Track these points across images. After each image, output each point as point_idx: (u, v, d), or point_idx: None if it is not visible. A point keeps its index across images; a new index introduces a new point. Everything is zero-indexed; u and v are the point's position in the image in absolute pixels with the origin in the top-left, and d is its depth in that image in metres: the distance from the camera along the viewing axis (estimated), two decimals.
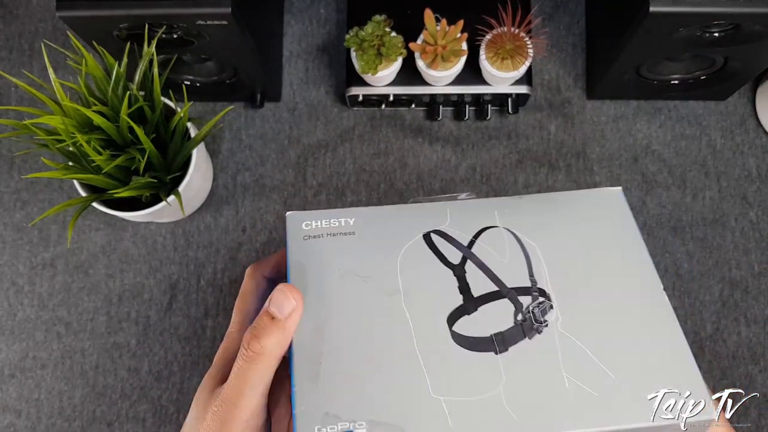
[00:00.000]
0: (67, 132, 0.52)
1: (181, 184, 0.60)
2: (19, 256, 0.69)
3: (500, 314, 0.34)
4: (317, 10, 0.73)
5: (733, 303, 0.67)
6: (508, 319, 0.34)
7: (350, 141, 0.71)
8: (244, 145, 0.71)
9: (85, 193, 0.60)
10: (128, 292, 0.68)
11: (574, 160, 0.70)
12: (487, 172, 0.70)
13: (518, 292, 0.35)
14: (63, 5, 0.52)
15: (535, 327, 0.34)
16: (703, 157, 0.70)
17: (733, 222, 0.68)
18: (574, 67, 0.72)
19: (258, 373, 0.34)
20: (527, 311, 0.35)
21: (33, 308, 0.68)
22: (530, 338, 0.34)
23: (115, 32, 0.55)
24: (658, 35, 0.55)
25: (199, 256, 0.69)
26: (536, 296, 0.35)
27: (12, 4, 0.74)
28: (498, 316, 0.34)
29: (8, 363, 0.67)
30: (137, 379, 0.66)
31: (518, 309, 0.35)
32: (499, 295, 0.35)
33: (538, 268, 0.36)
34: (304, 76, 0.72)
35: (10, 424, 0.66)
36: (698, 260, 0.68)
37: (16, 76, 0.72)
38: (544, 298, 0.35)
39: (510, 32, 0.60)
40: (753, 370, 0.65)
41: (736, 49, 0.58)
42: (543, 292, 0.35)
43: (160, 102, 0.56)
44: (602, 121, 0.71)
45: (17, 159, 0.71)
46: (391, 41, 0.60)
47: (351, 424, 0.31)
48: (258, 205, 0.70)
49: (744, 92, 0.71)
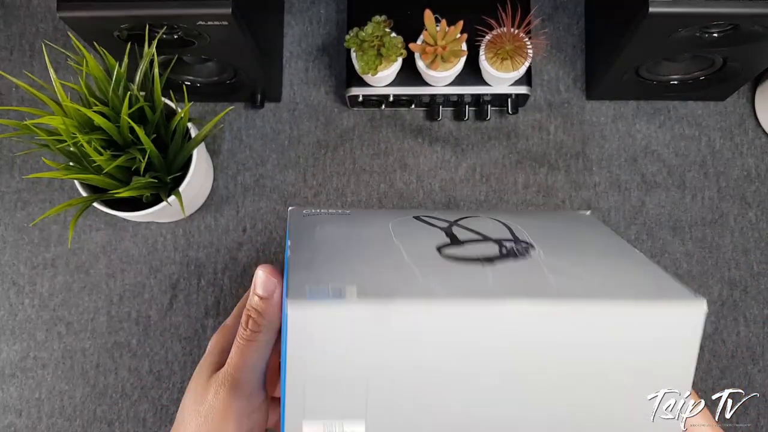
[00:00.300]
0: (67, 132, 0.53)
1: (181, 184, 0.60)
2: (20, 256, 0.69)
3: (486, 249, 0.34)
4: (317, 11, 0.74)
5: (732, 303, 0.67)
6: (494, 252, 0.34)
7: (350, 141, 0.71)
8: (244, 146, 0.71)
9: (86, 194, 0.60)
10: (129, 292, 0.68)
11: (573, 160, 0.70)
12: (486, 172, 0.70)
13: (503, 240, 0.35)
14: (64, 6, 0.52)
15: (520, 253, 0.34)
16: (703, 158, 0.70)
17: (732, 222, 0.68)
18: (573, 67, 0.72)
19: (258, 351, 0.36)
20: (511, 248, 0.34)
21: (34, 308, 0.68)
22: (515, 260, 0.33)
23: (115, 33, 0.55)
24: (658, 36, 0.55)
25: (200, 256, 0.69)
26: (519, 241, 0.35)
27: (13, 4, 0.75)
28: (484, 250, 0.34)
29: (9, 363, 0.67)
30: (138, 379, 0.66)
31: (502, 247, 0.34)
32: (485, 238, 0.35)
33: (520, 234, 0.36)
34: (304, 77, 0.72)
35: (11, 423, 0.66)
36: (697, 260, 0.68)
37: (17, 76, 0.72)
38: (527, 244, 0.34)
39: (510, 33, 0.60)
40: (752, 369, 0.65)
41: (736, 49, 0.58)
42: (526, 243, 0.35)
43: (160, 102, 0.56)
44: (602, 121, 0.71)
45: (18, 159, 0.71)
46: (391, 42, 0.60)
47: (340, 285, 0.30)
48: (258, 205, 0.70)
49: (743, 93, 0.71)
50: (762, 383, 0.65)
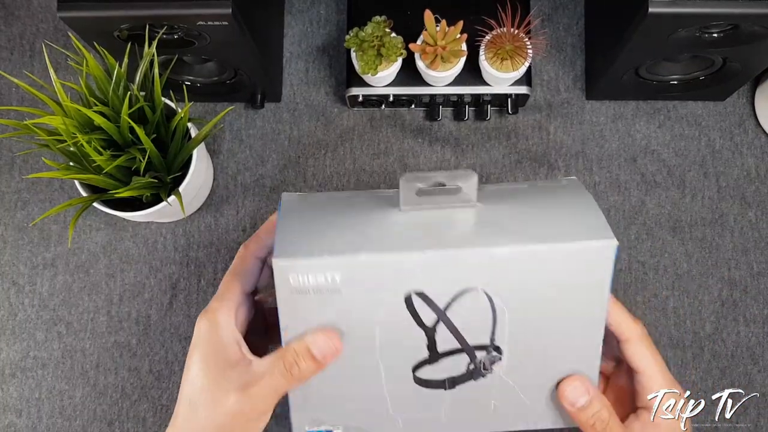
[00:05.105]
0: (68, 132, 0.53)
1: (181, 184, 0.60)
2: (20, 256, 0.69)
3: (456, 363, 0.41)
4: (317, 11, 0.74)
5: (732, 303, 0.67)
6: (462, 366, 0.42)
7: (350, 141, 0.71)
8: (244, 146, 0.71)
9: (86, 193, 0.60)
10: (129, 292, 0.68)
11: (573, 160, 0.70)
12: (486, 172, 0.70)
13: (477, 348, 0.41)
14: (64, 6, 0.52)
15: (483, 374, 0.42)
16: (702, 158, 0.70)
17: (732, 222, 0.69)
18: (573, 67, 0.72)
19: (290, 388, 0.41)
20: (479, 363, 0.41)
21: (34, 308, 0.68)
22: (475, 380, 0.42)
23: (115, 33, 0.55)
24: (657, 36, 0.55)
25: (200, 256, 0.69)
26: (490, 350, 0.41)
27: (13, 5, 0.75)
28: (454, 365, 0.41)
29: (9, 362, 0.67)
30: (138, 379, 0.66)
31: (472, 360, 0.41)
32: (459, 351, 0.41)
33: (501, 328, 0.41)
34: (304, 77, 0.73)
35: (11, 423, 0.66)
36: (697, 260, 0.68)
37: (17, 76, 0.72)
38: (496, 353, 0.41)
39: (509, 33, 0.60)
40: (752, 369, 0.65)
41: (735, 49, 0.58)
42: (498, 348, 0.41)
43: (160, 102, 0.56)
44: (601, 121, 0.71)
45: (18, 159, 0.71)
46: (391, 42, 0.61)
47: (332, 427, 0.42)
48: (258, 205, 0.70)
49: (743, 93, 0.71)
50: (762, 383, 0.65)
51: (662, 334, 0.66)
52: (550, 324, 0.41)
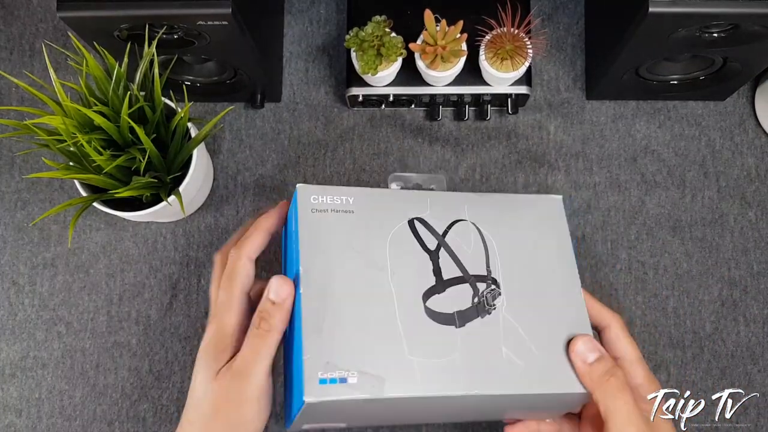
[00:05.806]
0: (67, 132, 0.53)
1: (181, 184, 0.60)
2: (20, 256, 0.69)
3: (462, 295, 0.46)
4: (317, 11, 0.74)
5: (732, 303, 0.67)
6: (467, 300, 0.45)
7: (350, 141, 0.71)
8: (244, 145, 0.71)
9: (86, 193, 0.60)
10: (129, 292, 0.68)
11: (573, 160, 0.70)
12: (486, 172, 0.70)
13: (477, 279, 0.47)
14: (64, 6, 0.52)
15: (487, 309, 0.45)
16: (702, 157, 0.70)
17: (732, 222, 0.69)
18: (573, 67, 0.72)
19: (269, 347, 0.43)
20: (482, 296, 0.46)
21: (34, 308, 0.68)
22: (482, 318, 0.45)
23: (115, 32, 0.55)
24: (657, 36, 0.55)
25: (200, 255, 0.69)
26: (490, 284, 0.47)
27: (13, 4, 0.75)
28: (460, 297, 0.45)
29: (9, 362, 0.67)
30: (138, 379, 0.66)
31: (475, 293, 0.46)
32: (462, 280, 0.46)
33: (493, 261, 0.48)
34: (304, 77, 0.73)
35: (11, 423, 0.66)
36: (697, 260, 0.68)
37: (17, 76, 0.72)
38: (495, 286, 0.46)
39: (509, 33, 0.60)
40: (752, 369, 0.65)
41: (735, 49, 0.58)
42: (495, 281, 0.47)
43: (160, 102, 0.56)
44: (601, 121, 0.71)
45: (18, 159, 0.71)
46: (391, 41, 0.61)
47: (346, 373, 0.40)
48: (258, 205, 0.70)
49: (743, 92, 0.71)
50: (762, 383, 0.65)
51: (662, 334, 0.66)
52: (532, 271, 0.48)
